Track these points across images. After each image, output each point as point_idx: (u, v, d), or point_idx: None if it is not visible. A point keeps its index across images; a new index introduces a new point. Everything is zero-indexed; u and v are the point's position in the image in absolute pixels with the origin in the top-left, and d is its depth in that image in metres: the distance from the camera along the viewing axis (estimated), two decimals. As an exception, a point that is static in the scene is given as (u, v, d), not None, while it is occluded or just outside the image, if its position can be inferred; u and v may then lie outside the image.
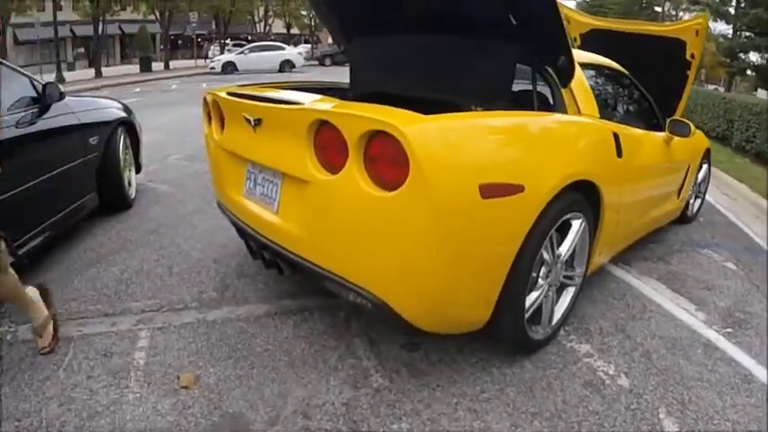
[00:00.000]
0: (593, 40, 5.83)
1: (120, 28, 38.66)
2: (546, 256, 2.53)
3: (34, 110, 3.55)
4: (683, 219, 5.22)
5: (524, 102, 2.92)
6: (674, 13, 45.56)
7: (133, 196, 4.86)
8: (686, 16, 45.32)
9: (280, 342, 2.73)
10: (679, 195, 4.73)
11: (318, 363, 2.57)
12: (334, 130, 2.10)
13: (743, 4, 34.96)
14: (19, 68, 3.73)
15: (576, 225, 2.69)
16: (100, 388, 2.35)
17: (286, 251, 2.46)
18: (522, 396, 2.41)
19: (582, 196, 2.64)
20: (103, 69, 28.16)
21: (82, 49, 40.27)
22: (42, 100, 3.62)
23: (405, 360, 2.62)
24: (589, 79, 3.36)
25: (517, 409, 2.32)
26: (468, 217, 2.06)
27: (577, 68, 3.03)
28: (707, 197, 6.50)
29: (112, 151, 4.43)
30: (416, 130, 1.94)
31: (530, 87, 2.96)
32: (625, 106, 4.15)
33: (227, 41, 39.87)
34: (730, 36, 36.77)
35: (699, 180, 5.38)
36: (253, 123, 2.48)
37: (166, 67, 32.41)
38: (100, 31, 28.68)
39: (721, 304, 3.57)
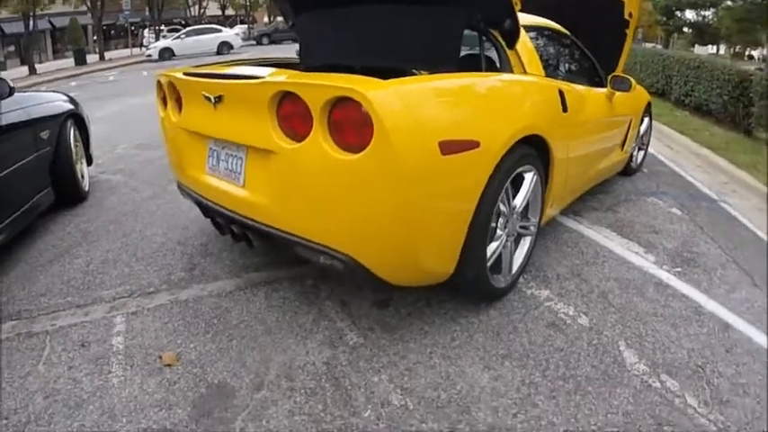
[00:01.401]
0: (534, 2, 5.99)
1: (50, 22, 37.27)
2: (503, 207, 2.67)
3: (-20, 106, 3.49)
4: (628, 170, 5.45)
5: (472, 65, 3.03)
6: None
7: (87, 189, 4.80)
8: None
9: (254, 313, 2.81)
10: (623, 148, 4.93)
11: (294, 328, 2.66)
12: (298, 99, 2.18)
13: (678, -37, 36.08)
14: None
15: (529, 178, 2.84)
16: (83, 377, 2.38)
17: (255, 222, 2.53)
18: (490, 341, 2.56)
19: (532, 150, 2.79)
20: (37, 66, 27.21)
21: (12, 48, 38.72)
22: None
23: (376, 317, 2.74)
24: (533, 40, 3.51)
25: (488, 353, 2.47)
26: (430, 173, 2.18)
27: (522, 31, 3.16)
28: (651, 149, 6.80)
29: (64, 145, 4.36)
30: (378, 94, 2.04)
31: (476, 51, 3.08)
32: (568, 65, 4.31)
33: (161, 28, 38.85)
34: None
35: (641, 133, 5.61)
36: (213, 101, 2.53)
37: (102, 58, 31.48)
38: (30, 27, 27.64)
39: (669, 246, 3.80)
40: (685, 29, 40.58)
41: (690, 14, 38.69)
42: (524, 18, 3.74)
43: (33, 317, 2.87)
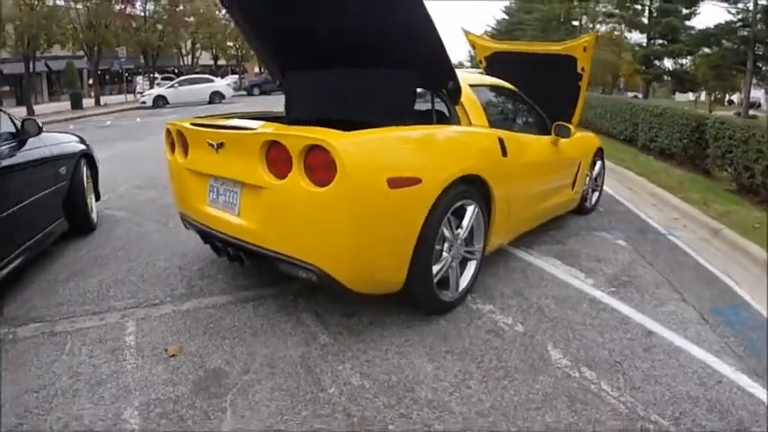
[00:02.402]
0: (497, 62, 6.70)
1: (47, 65, 38.05)
2: (447, 234, 3.30)
3: (13, 143, 4.09)
4: (583, 210, 6.04)
5: (427, 117, 3.69)
6: (590, 26, 48.00)
7: (96, 221, 5.39)
8: (603, 28, 47.88)
9: (243, 320, 3.39)
10: (573, 188, 5.56)
11: (276, 332, 3.24)
12: (282, 147, 2.86)
13: (655, 14, 37.38)
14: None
15: (470, 210, 3.48)
16: (101, 363, 2.92)
17: (247, 244, 3.16)
18: (437, 341, 3.14)
19: (472, 187, 3.44)
20: (34, 108, 27.88)
21: (6, 88, 39.39)
22: (20, 134, 4.17)
23: (344, 324, 3.31)
24: (482, 97, 4.18)
25: (433, 350, 3.05)
26: (380, 202, 2.84)
27: (468, 88, 3.86)
28: (610, 191, 7.40)
29: (78, 180, 4.98)
30: (341, 143, 2.72)
31: (433, 106, 3.75)
32: (513, 116, 4.96)
33: (155, 75, 39.79)
34: (645, 45, 39.13)
35: (594, 175, 6.22)
36: (216, 147, 3.19)
37: (97, 102, 32.30)
38: (27, 69, 28.45)
39: (608, 272, 4.37)
40: (665, 77, 41.85)
41: (668, 63, 39.94)
42: (476, 78, 4.46)
43: (55, 320, 3.42)
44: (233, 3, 3.89)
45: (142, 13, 35.73)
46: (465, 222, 3.46)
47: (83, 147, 5.30)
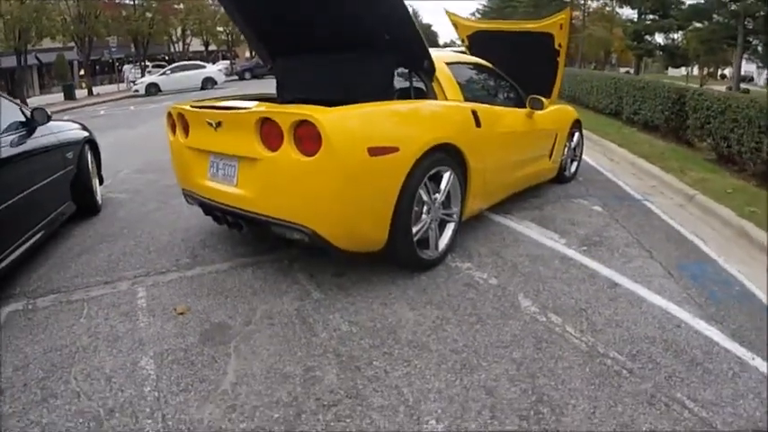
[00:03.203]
0: (479, 40, 7.01)
1: (37, 58, 38.05)
2: (425, 197, 3.65)
3: (23, 132, 4.39)
4: (562, 179, 6.36)
5: (407, 93, 4.02)
6: (582, 1, 48.04)
7: (101, 203, 5.72)
8: (595, 4, 47.99)
9: (243, 282, 3.74)
10: (551, 157, 5.88)
11: (273, 290, 3.59)
12: (274, 123, 3.20)
13: (646, -12, 37.54)
14: (9, 97, 4.58)
15: (446, 175, 3.83)
16: (117, 323, 3.27)
17: (245, 211, 3.52)
18: (418, 294, 3.50)
19: (447, 155, 3.78)
20: (27, 101, 27.99)
21: (-1, 81, 39.39)
22: (30, 123, 4.48)
23: (335, 282, 3.67)
24: (459, 73, 4.51)
25: (414, 301, 3.41)
26: (361, 169, 3.19)
27: (444, 66, 4.20)
28: (592, 162, 7.74)
29: (84, 165, 5.30)
30: (326, 117, 3.07)
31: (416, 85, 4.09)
32: (489, 90, 5.29)
33: (146, 63, 39.82)
34: (636, 20, 39.31)
35: (573, 146, 6.54)
36: (215, 125, 3.53)
37: (90, 93, 32.41)
38: (19, 63, 28.56)
39: (581, 233, 4.70)
40: (656, 52, 42.02)
41: (659, 38, 40.07)
42: (453, 56, 4.80)
43: (70, 290, 3.76)
44: None
45: (131, 2, 35.67)
46: (442, 187, 3.81)
47: (86, 133, 5.62)
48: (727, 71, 48.27)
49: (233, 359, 2.83)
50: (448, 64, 4.41)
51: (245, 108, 3.52)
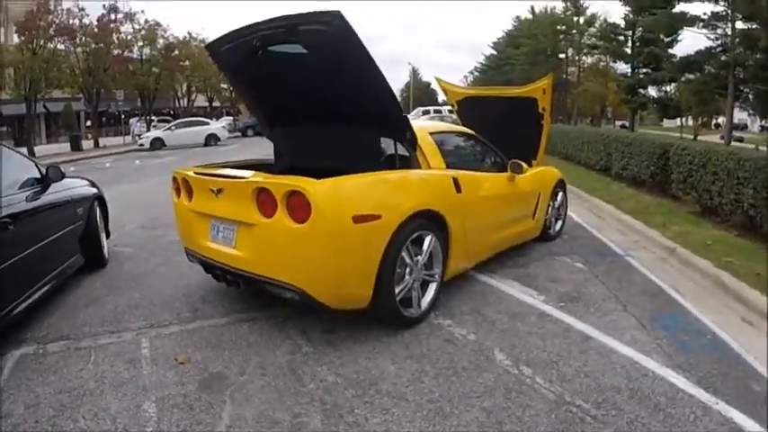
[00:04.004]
0: (467, 105, 7.47)
1: (45, 107, 38.64)
2: (407, 260, 3.99)
3: (38, 188, 4.75)
4: (547, 237, 6.67)
5: (393, 161, 4.41)
6: (576, 57, 49.29)
7: (107, 257, 6.05)
8: (589, 60, 49.20)
9: (239, 336, 4.04)
10: (533, 217, 6.22)
11: (267, 344, 3.90)
12: (269, 192, 3.59)
13: (638, 44, 38.50)
14: (26, 154, 4.97)
15: (428, 239, 4.17)
16: (122, 370, 3.56)
17: (242, 271, 3.88)
18: (400, 349, 3.80)
19: (428, 220, 4.13)
20: (34, 149, 28.49)
21: (4, 128, 39.72)
22: (45, 180, 4.85)
23: (325, 339, 3.97)
24: (443, 141, 4.91)
25: (396, 355, 3.70)
26: (346, 235, 3.56)
27: (428, 136, 4.63)
28: (578, 219, 8.06)
29: (93, 219, 5.68)
30: (315, 188, 3.46)
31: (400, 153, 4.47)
32: (471, 157, 5.67)
33: (151, 117, 40.63)
34: (629, 74, 40.20)
35: (557, 205, 6.87)
36: (216, 192, 3.92)
37: (96, 144, 33.01)
38: (29, 111, 29.11)
39: (561, 290, 4.97)
40: (650, 105, 42.79)
41: (652, 91, 40.83)
42: (437, 126, 5.25)
43: (79, 338, 4.06)
44: (221, 66, 4.64)
45: (139, 57, 36.68)
46: (424, 249, 4.15)
47: (95, 190, 6.02)
48: (721, 120, 49.03)
49: (228, 405, 3.12)
50: (432, 133, 4.83)
51: (243, 177, 3.91)
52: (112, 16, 33.26)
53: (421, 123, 4.74)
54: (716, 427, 2.89)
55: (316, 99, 4.41)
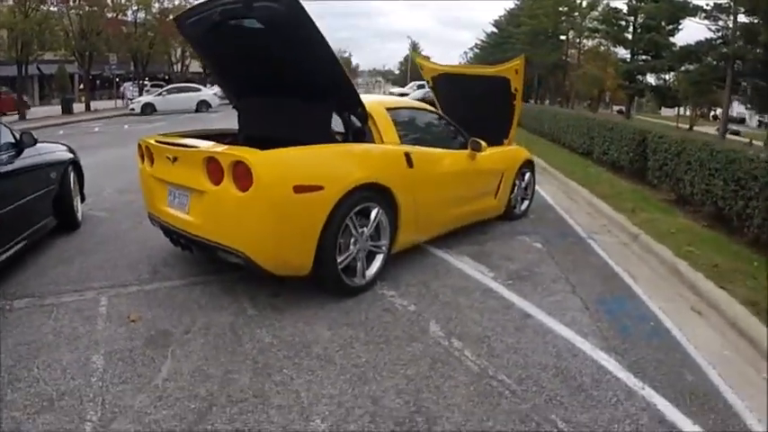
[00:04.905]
0: (442, 82, 7.58)
1: (38, 68, 38.53)
2: (353, 230, 4.20)
3: (13, 152, 4.96)
4: (511, 216, 6.80)
5: (346, 136, 4.60)
6: (578, 40, 49.05)
7: (81, 220, 6.27)
8: (589, 43, 49.03)
9: (191, 297, 4.29)
10: (496, 196, 6.36)
11: (215, 306, 4.14)
12: (216, 161, 3.81)
13: (639, 30, 38.45)
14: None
15: (374, 212, 4.37)
16: (78, 325, 3.81)
17: (194, 236, 4.13)
18: (340, 316, 4.03)
19: (375, 193, 4.33)
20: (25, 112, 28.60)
21: (-1, 88, 39.79)
22: (19, 144, 5.06)
23: (269, 302, 4.21)
24: (400, 117, 5.10)
25: (335, 321, 3.94)
26: (287, 204, 3.78)
27: (383, 111, 4.83)
28: (550, 200, 8.21)
29: (66, 184, 5.89)
30: (256, 158, 3.67)
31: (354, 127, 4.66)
32: (429, 134, 5.83)
33: (145, 82, 40.43)
34: (628, 60, 40.18)
35: (524, 185, 7.01)
36: (172, 160, 4.14)
37: (87, 108, 33.03)
38: (20, 73, 29.12)
39: (512, 268, 5.11)
40: (647, 92, 42.83)
41: (651, 78, 40.83)
42: (395, 101, 5.46)
43: (44, 296, 4.30)
44: (187, 38, 4.81)
45: (133, 21, 36.45)
46: (369, 221, 4.35)
47: (71, 155, 6.21)
48: (719, 112, 49.21)
49: (168, 360, 3.37)
50: (389, 109, 5.02)
51: (196, 147, 4.14)
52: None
53: (379, 98, 4.90)
54: (636, 412, 2.97)
55: (273, 73, 4.60)
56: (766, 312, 4.08)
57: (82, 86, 38.26)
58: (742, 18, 27.80)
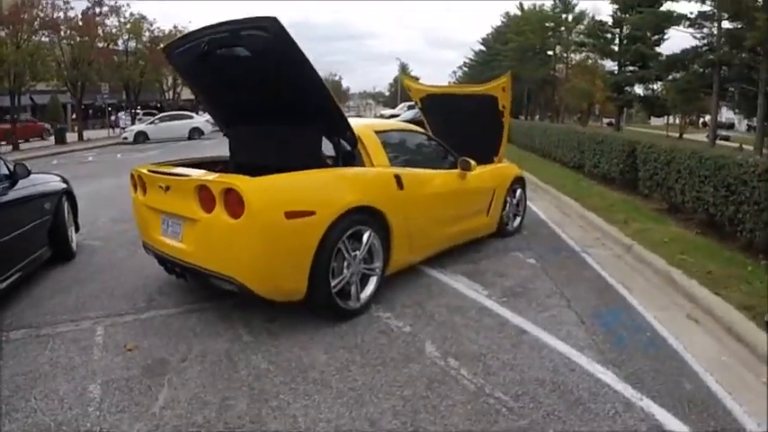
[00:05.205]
0: (430, 103, 7.67)
1: (32, 99, 38.69)
2: (346, 254, 4.23)
3: (6, 184, 5.01)
4: (504, 233, 6.82)
5: (336, 161, 4.65)
6: (565, 54, 49.50)
7: (75, 249, 6.29)
8: (577, 57, 49.50)
9: (187, 325, 4.30)
10: (488, 214, 6.40)
11: (211, 333, 4.16)
12: (208, 189, 3.85)
13: (625, 42, 38.82)
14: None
15: (366, 235, 4.41)
16: (75, 355, 3.83)
17: (188, 264, 4.15)
18: (336, 339, 4.04)
19: (367, 216, 4.37)
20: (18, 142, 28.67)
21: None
22: (13, 176, 5.10)
23: (265, 328, 4.23)
24: (389, 140, 5.15)
25: (331, 345, 3.95)
26: (279, 230, 3.82)
27: (372, 134, 4.88)
28: (542, 215, 8.22)
29: (61, 214, 5.93)
30: (248, 186, 3.72)
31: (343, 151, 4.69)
32: (418, 155, 5.89)
33: (137, 111, 40.53)
34: (616, 72, 40.54)
35: (515, 201, 7.05)
36: (165, 189, 4.19)
37: (80, 137, 33.07)
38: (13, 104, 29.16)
39: (507, 284, 5.13)
40: (636, 103, 43.21)
41: (639, 89, 41.19)
42: (384, 124, 5.51)
43: (40, 326, 4.32)
44: (176, 68, 4.88)
45: (124, 50, 36.67)
46: (362, 244, 4.38)
47: (64, 186, 6.26)
48: (708, 119, 49.59)
49: (165, 388, 3.39)
50: (378, 132, 5.07)
51: (187, 175, 4.20)
52: (97, 10, 33.40)
53: (368, 122, 4.96)
54: (634, 423, 2.98)
55: (262, 100, 4.67)
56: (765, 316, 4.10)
57: (74, 116, 38.37)
58: (726, 24, 28.17)
